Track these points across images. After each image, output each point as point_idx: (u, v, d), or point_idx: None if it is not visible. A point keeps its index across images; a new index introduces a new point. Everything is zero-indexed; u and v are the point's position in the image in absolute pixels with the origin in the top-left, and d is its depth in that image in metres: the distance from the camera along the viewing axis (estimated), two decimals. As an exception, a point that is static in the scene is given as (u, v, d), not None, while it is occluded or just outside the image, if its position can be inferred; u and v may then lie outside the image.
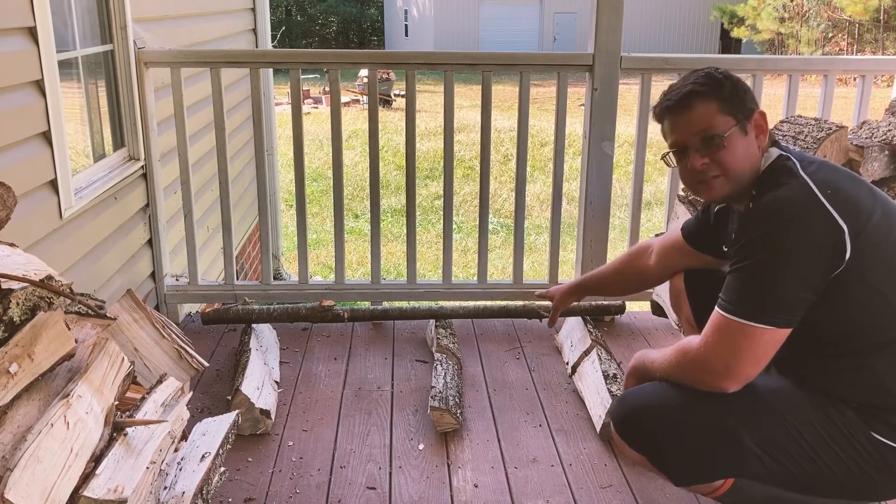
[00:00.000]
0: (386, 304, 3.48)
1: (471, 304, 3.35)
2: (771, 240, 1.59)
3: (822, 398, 1.68)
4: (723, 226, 1.97)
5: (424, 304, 3.49)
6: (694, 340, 1.69)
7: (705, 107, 1.72)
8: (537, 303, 3.31)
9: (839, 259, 1.57)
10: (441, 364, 2.79)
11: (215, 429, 1.85)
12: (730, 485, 1.73)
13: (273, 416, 2.54)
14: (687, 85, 1.76)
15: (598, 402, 2.56)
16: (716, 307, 1.65)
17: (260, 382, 2.61)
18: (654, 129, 1.94)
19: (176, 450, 1.76)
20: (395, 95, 17.52)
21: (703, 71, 1.79)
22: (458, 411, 2.55)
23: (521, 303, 3.36)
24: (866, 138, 2.82)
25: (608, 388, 2.55)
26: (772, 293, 1.60)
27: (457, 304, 3.39)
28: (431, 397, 2.57)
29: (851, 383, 1.67)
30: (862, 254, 1.57)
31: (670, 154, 1.81)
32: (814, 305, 1.61)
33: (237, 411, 2.04)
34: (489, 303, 3.43)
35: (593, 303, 3.24)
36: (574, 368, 2.84)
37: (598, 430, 2.50)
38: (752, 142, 1.73)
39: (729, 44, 27.15)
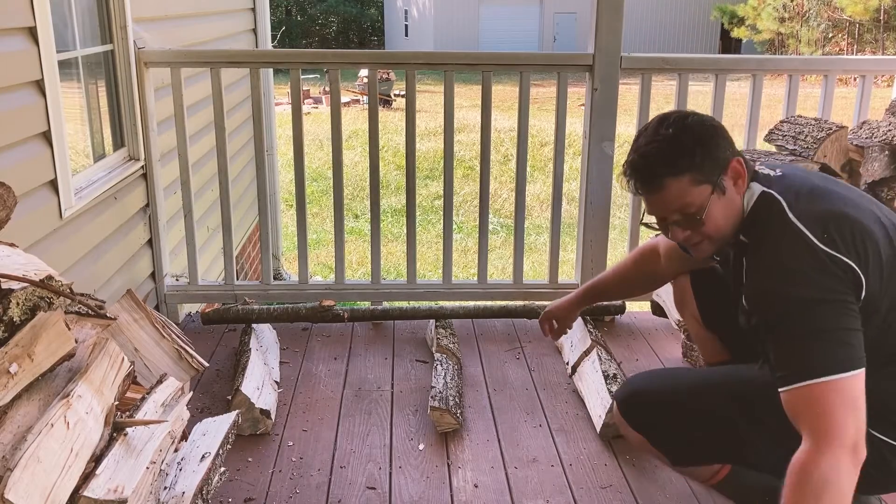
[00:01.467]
0: (386, 304, 3.48)
1: (471, 304, 3.35)
2: (795, 308, 1.52)
3: None
4: None
5: (424, 304, 3.49)
6: (798, 458, 1.48)
7: (677, 184, 1.63)
8: (537, 302, 3.31)
9: (859, 291, 1.53)
10: (441, 364, 2.79)
11: (215, 429, 1.85)
12: (726, 472, 1.75)
13: (273, 416, 2.54)
14: (652, 154, 1.65)
15: (599, 402, 2.56)
16: (781, 393, 1.54)
17: (260, 382, 2.61)
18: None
19: (176, 450, 1.76)
20: (395, 95, 17.52)
21: (669, 130, 1.65)
22: (458, 411, 2.55)
23: (521, 303, 3.36)
24: (866, 138, 2.82)
25: (608, 389, 2.55)
26: (825, 344, 1.51)
27: (457, 304, 3.39)
28: (431, 397, 2.57)
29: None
30: (871, 282, 1.54)
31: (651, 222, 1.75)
32: None
33: (237, 411, 2.04)
34: (489, 303, 3.43)
35: (593, 304, 3.23)
36: (574, 368, 2.84)
37: (598, 430, 2.50)
38: (731, 195, 1.67)
39: (729, 44, 27.15)
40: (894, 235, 1.62)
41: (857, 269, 1.53)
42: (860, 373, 1.49)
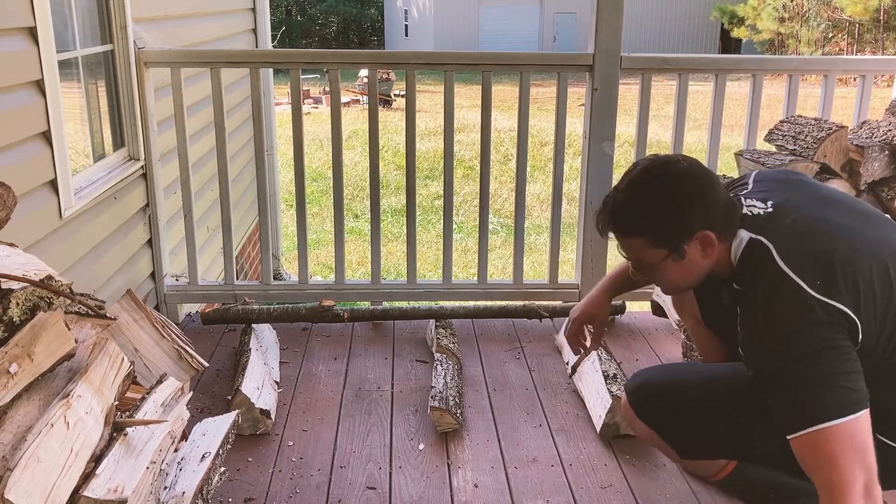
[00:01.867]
0: (386, 304, 3.48)
1: (471, 304, 3.35)
2: (795, 364, 1.51)
3: None
4: None
5: (424, 304, 3.49)
6: None
7: (633, 241, 1.68)
8: (537, 303, 3.31)
9: (855, 333, 1.52)
10: (441, 364, 2.79)
11: (215, 429, 1.85)
12: (732, 467, 1.76)
13: (273, 416, 2.54)
14: (618, 208, 1.67)
15: (599, 402, 2.56)
16: (790, 441, 1.53)
17: (260, 382, 2.61)
18: (654, 129, 1.96)
19: (176, 450, 1.76)
20: (395, 95, 17.52)
21: (644, 183, 1.66)
22: (458, 411, 2.55)
23: (521, 303, 3.36)
24: (866, 138, 2.82)
25: (608, 389, 2.54)
26: (825, 390, 1.50)
27: (457, 304, 3.39)
28: (431, 397, 2.57)
29: None
30: (869, 316, 1.53)
31: None
32: None
33: (237, 411, 2.04)
34: (489, 303, 3.43)
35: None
36: (574, 368, 2.84)
37: (598, 430, 2.50)
38: (694, 259, 1.65)
39: (729, 44, 27.14)
40: None
41: (851, 314, 1.50)
42: (864, 414, 1.47)
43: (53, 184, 2.49)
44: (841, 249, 1.55)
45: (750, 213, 1.67)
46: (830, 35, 22.71)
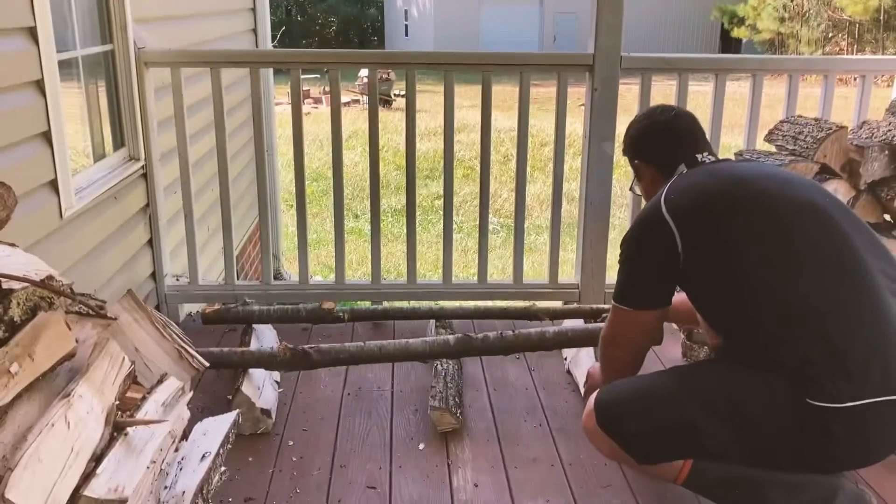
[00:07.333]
0: (386, 304, 3.47)
1: (471, 305, 3.35)
2: (624, 241, 2.04)
3: (756, 371, 1.77)
4: None
5: (424, 304, 3.49)
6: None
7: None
8: (538, 303, 3.30)
9: (676, 252, 1.86)
10: (441, 364, 2.79)
11: (216, 428, 1.86)
12: (689, 467, 1.81)
13: (273, 416, 2.54)
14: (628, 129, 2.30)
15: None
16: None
17: (260, 382, 2.61)
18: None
19: (176, 449, 1.77)
20: (395, 95, 17.50)
21: (635, 119, 2.29)
22: (458, 411, 2.55)
23: (521, 305, 3.35)
24: (866, 138, 2.82)
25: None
26: (626, 284, 2.01)
27: (457, 304, 3.39)
28: (431, 397, 2.57)
29: (756, 354, 1.79)
30: (693, 247, 1.85)
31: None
32: (691, 294, 1.95)
33: (237, 411, 2.05)
34: (489, 304, 3.42)
35: (594, 306, 3.22)
36: (571, 359, 2.88)
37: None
38: (648, 182, 2.19)
39: (729, 44, 27.12)
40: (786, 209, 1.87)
41: (676, 233, 1.86)
42: (648, 313, 1.99)
43: (54, 184, 2.49)
44: (710, 188, 1.95)
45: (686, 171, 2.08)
46: (830, 35, 22.70)
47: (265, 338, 3.05)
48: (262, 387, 2.59)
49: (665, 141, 2.15)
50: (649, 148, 2.18)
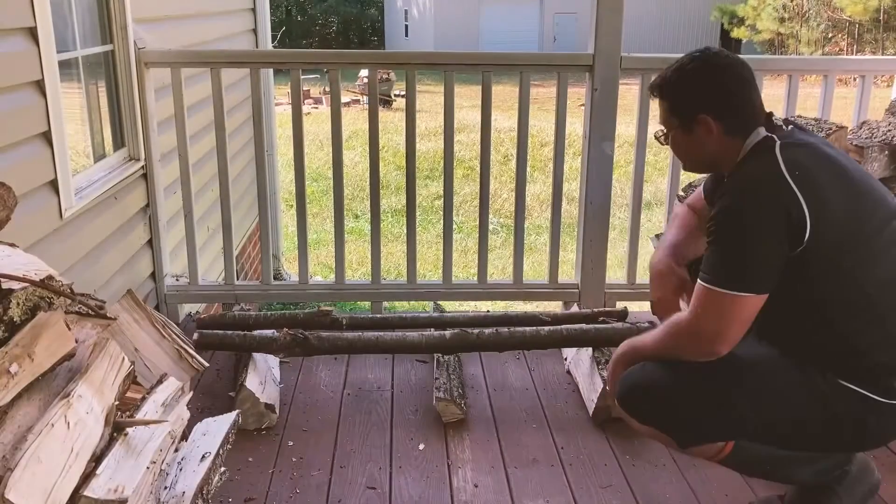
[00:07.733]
0: (385, 304, 3.47)
1: (470, 311, 3.34)
2: (735, 214, 1.70)
3: (801, 361, 1.78)
4: None
5: (424, 312, 3.48)
6: (682, 316, 1.79)
7: (662, 104, 1.89)
8: (538, 303, 3.30)
9: (800, 235, 1.64)
10: (442, 359, 2.80)
11: (216, 429, 1.85)
12: (731, 447, 1.86)
13: (277, 411, 2.55)
14: (667, 72, 1.88)
15: (591, 386, 2.64)
16: (699, 280, 1.74)
17: (263, 378, 2.62)
18: (654, 129, 1.98)
19: (176, 450, 1.77)
20: (395, 96, 17.50)
21: (687, 60, 1.86)
22: (463, 402, 2.57)
23: (522, 311, 3.32)
24: (866, 138, 2.82)
25: (600, 373, 2.60)
26: (742, 264, 1.68)
27: (457, 311, 3.38)
28: (436, 388, 2.59)
29: (824, 351, 1.77)
30: (821, 234, 1.65)
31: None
32: (784, 278, 1.69)
33: (237, 411, 2.04)
34: (490, 307, 3.42)
35: (595, 309, 3.21)
36: (571, 360, 2.88)
37: (590, 413, 2.60)
38: (700, 139, 1.82)
39: (729, 44, 27.03)
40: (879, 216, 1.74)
41: (807, 213, 1.63)
42: (762, 297, 1.68)
43: (54, 184, 2.49)
44: (835, 180, 1.71)
45: (784, 132, 1.81)
46: (830, 35, 22.70)
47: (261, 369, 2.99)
48: (264, 382, 2.60)
49: (746, 94, 1.82)
50: (728, 100, 1.81)
